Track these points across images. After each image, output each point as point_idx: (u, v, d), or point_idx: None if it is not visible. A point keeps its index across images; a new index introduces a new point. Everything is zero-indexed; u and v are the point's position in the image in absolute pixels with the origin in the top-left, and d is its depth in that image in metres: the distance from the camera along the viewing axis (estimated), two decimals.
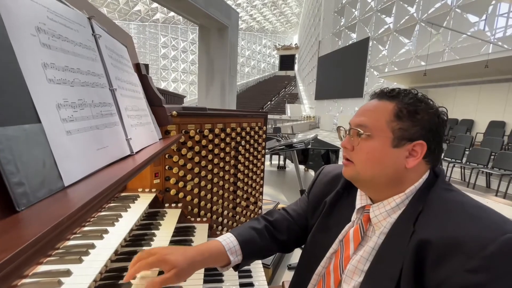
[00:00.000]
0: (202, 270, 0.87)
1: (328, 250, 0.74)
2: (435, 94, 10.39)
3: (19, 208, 0.36)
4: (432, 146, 0.63)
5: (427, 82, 10.52)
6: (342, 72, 18.74)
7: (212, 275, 0.95)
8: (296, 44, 41.40)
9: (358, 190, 0.75)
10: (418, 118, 0.63)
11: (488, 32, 10.24)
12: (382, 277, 0.60)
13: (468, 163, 5.43)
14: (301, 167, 6.12)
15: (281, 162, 6.67)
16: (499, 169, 4.88)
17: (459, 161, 5.63)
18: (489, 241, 0.49)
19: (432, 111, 0.64)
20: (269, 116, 19.86)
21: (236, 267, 0.81)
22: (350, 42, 18.75)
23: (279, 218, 0.92)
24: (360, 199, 0.73)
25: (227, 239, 0.77)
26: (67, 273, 0.50)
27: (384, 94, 0.69)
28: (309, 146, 4.18)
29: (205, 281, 0.86)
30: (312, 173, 5.74)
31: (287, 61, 42.42)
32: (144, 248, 0.78)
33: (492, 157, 5.21)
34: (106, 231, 0.68)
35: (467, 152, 5.69)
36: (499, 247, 0.48)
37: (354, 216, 0.74)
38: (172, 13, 28.24)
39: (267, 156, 6.95)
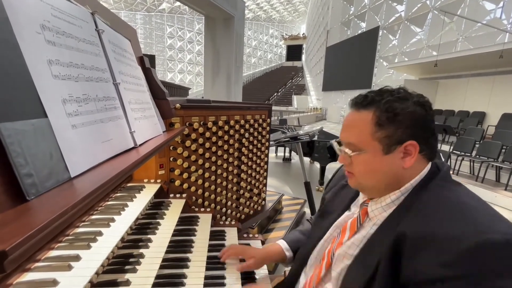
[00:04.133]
0: (205, 258, 0.91)
1: (325, 234, 0.82)
2: (446, 85, 10.08)
3: (28, 197, 0.39)
4: (423, 139, 0.64)
5: (438, 73, 10.20)
6: (350, 62, 18.31)
7: (215, 263, 0.99)
8: (303, 34, 40.53)
9: None
10: (399, 120, 0.63)
11: (504, 20, 9.79)
12: (365, 263, 0.64)
13: (478, 156, 5.32)
14: (307, 159, 6.11)
15: (287, 154, 6.67)
16: (510, 162, 4.78)
17: (469, 154, 5.52)
18: (465, 239, 0.50)
19: (410, 109, 0.63)
20: (276, 108, 19.72)
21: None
22: (359, 32, 18.22)
23: None
24: (362, 194, 0.78)
25: (281, 242, 1.05)
26: (77, 258, 0.54)
27: (359, 104, 0.68)
28: (314, 138, 4.16)
29: (207, 269, 0.89)
30: (317, 165, 5.74)
31: (294, 52, 41.69)
32: (149, 236, 0.82)
33: (503, 150, 5.08)
34: (113, 220, 0.71)
35: (477, 145, 5.56)
36: (474, 246, 0.48)
37: (354, 208, 0.79)
38: (177, 3, 27.92)
39: (273, 148, 6.95)
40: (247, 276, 0.98)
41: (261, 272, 1.03)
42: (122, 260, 0.70)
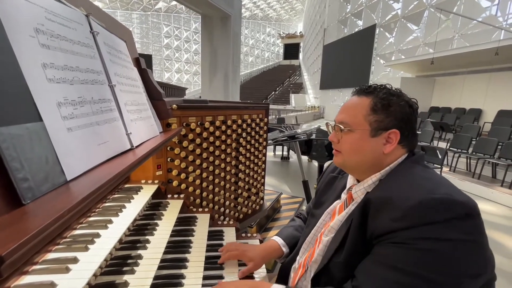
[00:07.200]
0: (203, 258, 0.92)
1: (319, 220, 0.91)
2: (443, 83, 10.12)
3: (24, 201, 0.39)
4: (405, 132, 0.74)
5: (434, 70, 10.24)
6: (347, 61, 18.33)
7: (213, 263, 0.99)
8: (301, 32, 40.47)
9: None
10: (391, 110, 0.73)
11: (500, 18, 9.84)
12: (342, 230, 0.76)
13: (474, 153, 5.36)
14: (305, 157, 6.12)
15: (285, 153, 6.68)
16: (506, 159, 4.82)
17: (465, 151, 5.57)
18: (412, 199, 0.60)
19: (403, 103, 0.74)
20: (273, 107, 19.70)
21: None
22: (356, 30, 18.24)
23: (306, 211, 1.21)
24: (349, 181, 0.87)
25: (277, 238, 1.09)
26: (74, 260, 0.53)
27: (362, 91, 0.80)
28: (312, 137, 4.16)
29: (206, 269, 0.89)
30: (315, 163, 5.74)
31: (291, 50, 41.66)
32: (147, 237, 0.82)
33: (499, 147, 5.13)
34: (110, 221, 0.71)
35: (473, 142, 5.61)
36: (418, 203, 0.59)
37: (343, 196, 0.88)
38: (174, 2, 27.76)
39: (271, 147, 6.96)
40: (246, 276, 0.99)
41: (260, 271, 1.04)
42: (120, 261, 0.70)
